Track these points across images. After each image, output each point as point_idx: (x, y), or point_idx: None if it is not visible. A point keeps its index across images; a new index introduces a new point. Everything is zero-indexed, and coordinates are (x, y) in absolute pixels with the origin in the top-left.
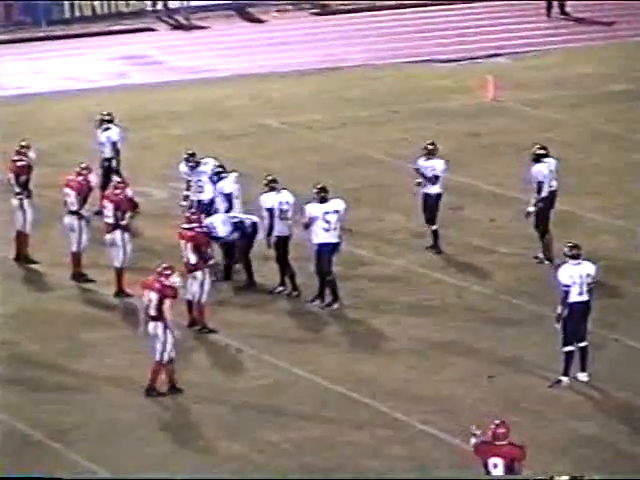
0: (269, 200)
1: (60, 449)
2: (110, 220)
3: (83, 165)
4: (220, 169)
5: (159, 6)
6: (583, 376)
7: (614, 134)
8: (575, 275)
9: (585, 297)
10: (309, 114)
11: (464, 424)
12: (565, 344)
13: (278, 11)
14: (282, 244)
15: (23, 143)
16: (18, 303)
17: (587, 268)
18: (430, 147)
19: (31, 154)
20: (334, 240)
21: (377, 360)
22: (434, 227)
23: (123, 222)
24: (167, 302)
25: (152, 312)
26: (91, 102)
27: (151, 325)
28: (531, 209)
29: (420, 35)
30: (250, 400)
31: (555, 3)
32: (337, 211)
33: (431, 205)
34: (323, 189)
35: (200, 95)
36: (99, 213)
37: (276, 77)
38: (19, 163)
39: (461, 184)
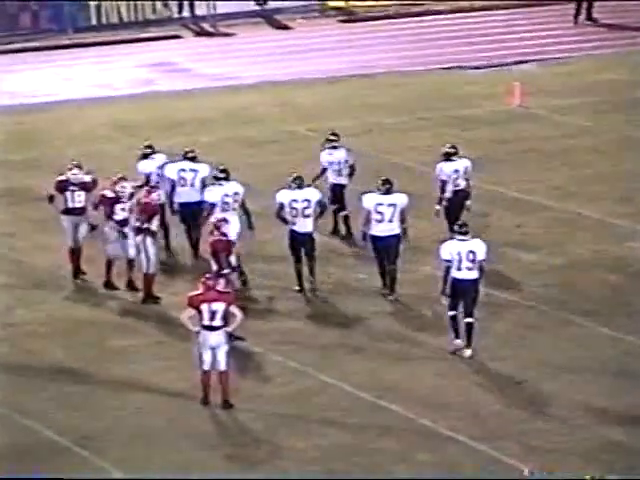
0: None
1: (88, 455)
2: (137, 225)
3: (119, 176)
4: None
5: (185, 13)
6: (467, 352)
7: None
8: (454, 251)
9: (466, 275)
10: (336, 121)
11: (492, 430)
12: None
13: (304, 18)
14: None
15: (74, 162)
16: (47, 310)
17: (472, 245)
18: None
19: (72, 174)
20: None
21: (404, 366)
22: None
23: (150, 227)
24: (232, 307)
25: (218, 323)
26: (118, 109)
27: (209, 335)
28: (437, 207)
29: (447, 42)
30: (276, 407)
31: (583, 9)
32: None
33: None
34: (387, 181)
35: (227, 102)
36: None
37: (303, 84)
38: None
39: (487, 191)
